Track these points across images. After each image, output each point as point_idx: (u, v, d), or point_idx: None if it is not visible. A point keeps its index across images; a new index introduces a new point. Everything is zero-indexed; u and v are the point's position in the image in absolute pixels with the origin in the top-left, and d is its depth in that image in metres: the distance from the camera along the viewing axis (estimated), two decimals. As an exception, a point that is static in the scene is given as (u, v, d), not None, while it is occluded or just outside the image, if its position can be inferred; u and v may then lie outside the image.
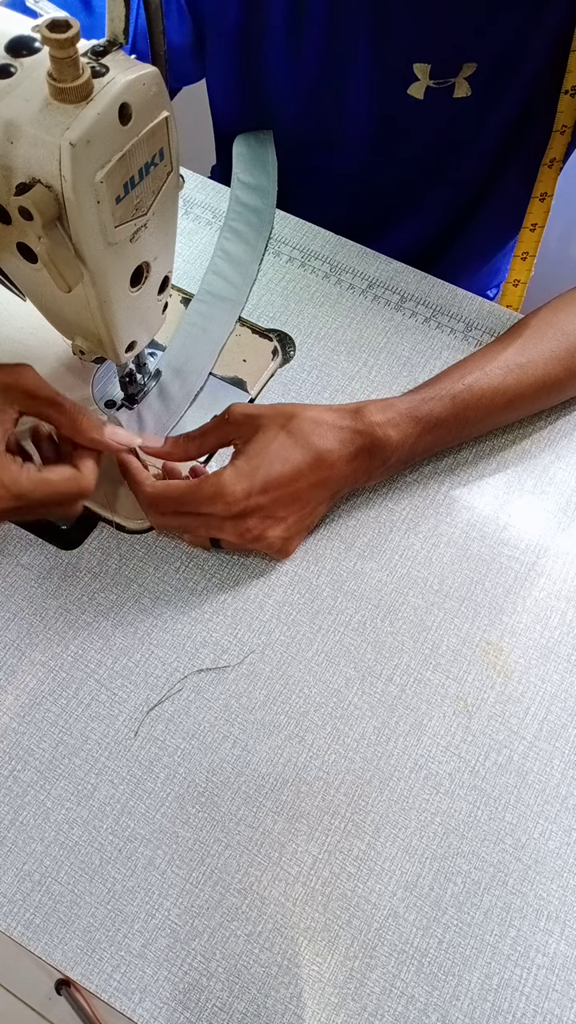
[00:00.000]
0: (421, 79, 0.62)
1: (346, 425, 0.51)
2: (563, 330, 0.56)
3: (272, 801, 0.47)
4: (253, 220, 0.68)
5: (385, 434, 0.51)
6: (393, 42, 0.61)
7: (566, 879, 0.46)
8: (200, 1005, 0.42)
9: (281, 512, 0.50)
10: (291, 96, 0.69)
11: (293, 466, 0.49)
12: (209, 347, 0.61)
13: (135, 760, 0.48)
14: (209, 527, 0.50)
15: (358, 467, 0.52)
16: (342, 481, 0.52)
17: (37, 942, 0.43)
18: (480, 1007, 0.43)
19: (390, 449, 0.51)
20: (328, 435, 0.50)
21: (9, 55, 0.38)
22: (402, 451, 0.52)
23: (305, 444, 0.50)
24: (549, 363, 0.55)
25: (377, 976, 0.43)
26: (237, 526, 0.49)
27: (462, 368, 0.55)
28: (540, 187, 0.69)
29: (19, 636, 0.51)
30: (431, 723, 0.49)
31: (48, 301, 0.47)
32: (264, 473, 0.49)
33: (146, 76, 0.37)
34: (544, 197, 0.69)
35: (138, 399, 0.58)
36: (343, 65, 0.64)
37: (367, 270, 0.67)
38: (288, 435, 0.50)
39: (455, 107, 0.65)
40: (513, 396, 0.54)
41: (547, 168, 0.68)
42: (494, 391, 0.54)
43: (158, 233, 0.44)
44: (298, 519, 0.51)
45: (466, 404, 0.53)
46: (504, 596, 0.53)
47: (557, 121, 0.65)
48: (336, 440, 0.50)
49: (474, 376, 0.54)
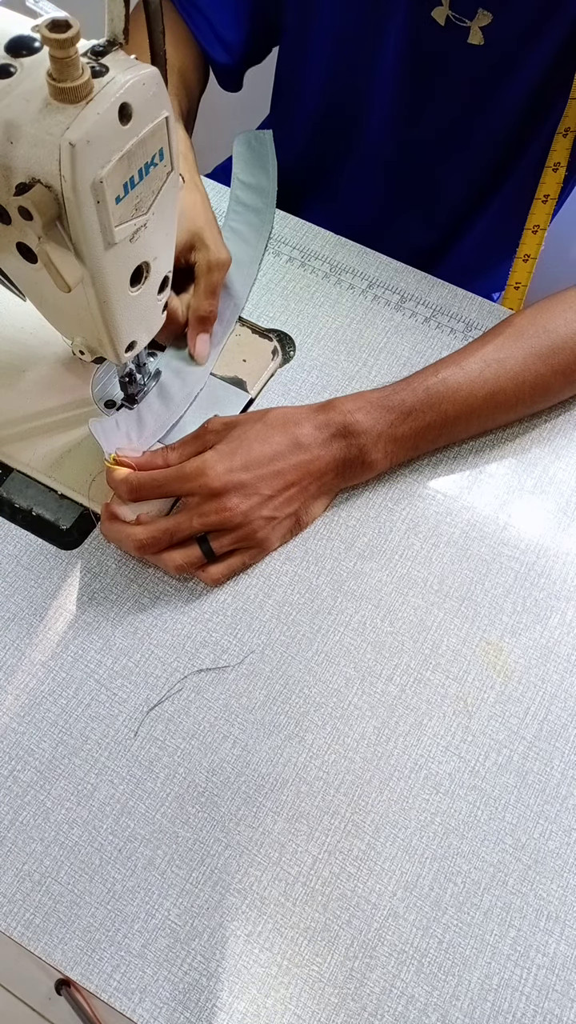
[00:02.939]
0: (443, 5, 0.63)
1: (318, 414, 0.53)
2: (545, 327, 0.56)
3: (272, 801, 0.47)
4: (253, 220, 0.68)
5: (355, 419, 0.52)
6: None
7: (566, 879, 0.46)
8: (200, 1005, 0.42)
9: (265, 489, 0.50)
10: (334, 19, 0.70)
11: (273, 447, 0.51)
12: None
13: (135, 760, 0.48)
14: (194, 517, 0.50)
15: (335, 452, 0.52)
16: (322, 466, 0.52)
17: (37, 942, 0.43)
18: (480, 1007, 0.43)
19: (362, 433, 0.52)
20: (302, 422, 0.53)
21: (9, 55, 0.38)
22: (377, 437, 0.53)
23: (282, 431, 0.52)
24: (528, 359, 0.55)
25: (377, 976, 0.43)
26: (221, 503, 0.49)
27: (438, 364, 0.56)
28: (543, 188, 0.69)
29: (19, 636, 0.51)
30: (431, 723, 0.49)
31: (48, 301, 0.47)
32: (244, 452, 0.51)
33: (146, 76, 0.37)
34: (557, 167, 0.69)
35: (138, 399, 0.58)
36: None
37: (367, 270, 0.67)
38: (264, 425, 0.52)
39: (469, 56, 0.65)
40: (492, 390, 0.54)
41: (561, 137, 0.68)
42: (471, 384, 0.54)
43: (158, 233, 0.44)
44: (283, 500, 0.51)
45: (440, 396, 0.54)
46: (504, 596, 0.53)
47: (562, 124, 0.65)
48: (311, 426, 0.52)
49: (449, 370, 0.54)
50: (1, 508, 0.55)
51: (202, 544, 0.51)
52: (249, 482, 0.50)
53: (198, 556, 0.51)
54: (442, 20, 0.64)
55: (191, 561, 0.51)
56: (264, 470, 0.50)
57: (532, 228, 0.72)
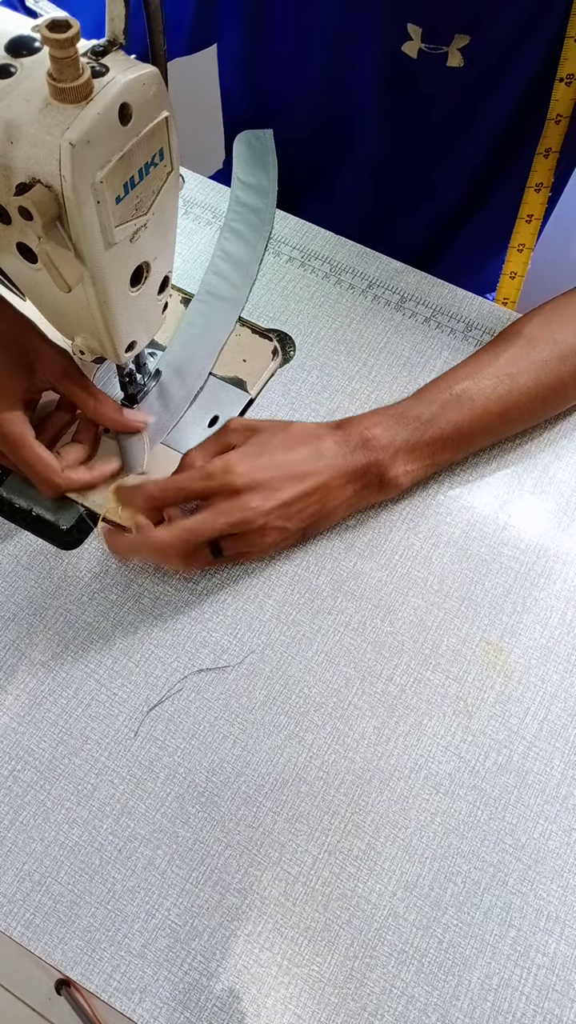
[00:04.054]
0: (414, 39, 0.63)
1: (337, 429, 0.54)
2: (554, 339, 0.56)
3: (272, 801, 0.47)
4: (253, 220, 0.68)
5: (373, 433, 0.53)
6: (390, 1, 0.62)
7: (566, 879, 0.46)
8: (200, 1005, 0.42)
9: (285, 493, 0.50)
10: (298, 55, 0.70)
11: (296, 456, 0.51)
12: (209, 347, 0.61)
13: (135, 760, 0.48)
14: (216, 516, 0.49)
15: (356, 465, 0.52)
16: (344, 480, 0.52)
17: (37, 942, 0.43)
18: (480, 1007, 0.43)
19: (381, 448, 0.52)
20: (324, 436, 0.53)
21: (9, 55, 0.38)
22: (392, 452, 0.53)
23: (304, 442, 0.52)
24: (541, 373, 0.55)
25: (377, 976, 0.43)
26: (243, 502, 0.49)
27: (450, 377, 0.55)
28: (535, 177, 0.69)
29: (19, 636, 0.51)
30: (431, 723, 0.49)
31: (48, 301, 0.47)
32: (268, 455, 0.51)
33: (146, 76, 0.37)
34: (540, 188, 0.69)
35: (138, 399, 0.58)
36: (349, 15, 0.65)
37: (367, 270, 0.67)
38: (287, 435, 0.52)
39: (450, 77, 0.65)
40: (506, 407, 0.55)
41: (542, 158, 0.68)
42: (485, 400, 0.54)
43: (158, 233, 0.44)
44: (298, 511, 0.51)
45: (456, 411, 0.54)
46: (504, 596, 0.53)
47: (552, 110, 0.65)
48: (331, 440, 0.53)
49: (463, 385, 0.55)
50: (1, 508, 0.55)
51: (212, 543, 0.51)
52: (271, 483, 0.50)
53: (207, 555, 0.51)
54: (414, 53, 0.64)
55: (200, 560, 0.51)
56: (287, 471, 0.51)
57: (525, 217, 0.72)
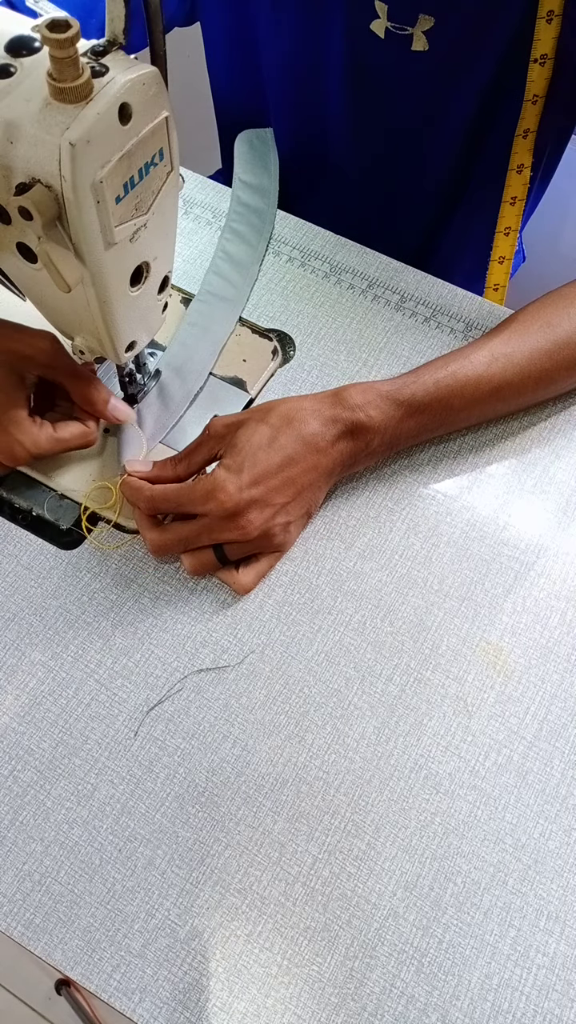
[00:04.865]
0: (381, 17, 0.63)
1: (327, 409, 0.52)
2: (549, 322, 0.56)
3: (272, 801, 0.47)
4: (254, 221, 0.68)
5: (367, 415, 0.52)
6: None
7: (566, 879, 0.46)
8: (200, 1005, 0.42)
9: (278, 499, 0.50)
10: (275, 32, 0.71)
11: (281, 454, 0.50)
12: (209, 347, 0.61)
13: (135, 760, 0.48)
14: (211, 531, 0.49)
15: (343, 449, 0.52)
16: (331, 464, 0.52)
17: (37, 942, 0.43)
18: (480, 1007, 0.43)
19: (372, 431, 0.52)
20: (310, 420, 0.51)
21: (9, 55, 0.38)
22: (385, 433, 0.53)
23: (288, 432, 0.50)
24: (534, 353, 0.55)
25: (377, 976, 0.43)
26: (238, 523, 0.49)
27: (446, 357, 0.56)
28: (516, 159, 0.69)
29: (19, 636, 0.51)
30: (431, 723, 0.49)
31: (48, 301, 0.47)
32: (251, 465, 0.49)
33: (146, 76, 0.37)
34: (521, 169, 0.69)
35: (138, 399, 0.58)
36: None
37: (367, 270, 0.67)
38: (268, 427, 0.51)
39: (417, 62, 0.65)
40: (499, 384, 0.55)
41: (521, 139, 0.68)
42: (478, 378, 0.54)
43: (158, 233, 0.44)
44: (296, 504, 0.51)
45: (450, 390, 0.54)
46: (504, 596, 0.53)
47: (528, 91, 0.65)
48: (319, 423, 0.51)
49: (458, 364, 0.54)
50: (1, 508, 0.55)
51: (216, 550, 0.51)
52: (262, 497, 0.49)
53: (212, 560, 0.51)
54: (381, 32, 0.64)
55: (206, 565, 0.51)
56: (275, 480, 0.50)
57: (504, 231, 0.73)
